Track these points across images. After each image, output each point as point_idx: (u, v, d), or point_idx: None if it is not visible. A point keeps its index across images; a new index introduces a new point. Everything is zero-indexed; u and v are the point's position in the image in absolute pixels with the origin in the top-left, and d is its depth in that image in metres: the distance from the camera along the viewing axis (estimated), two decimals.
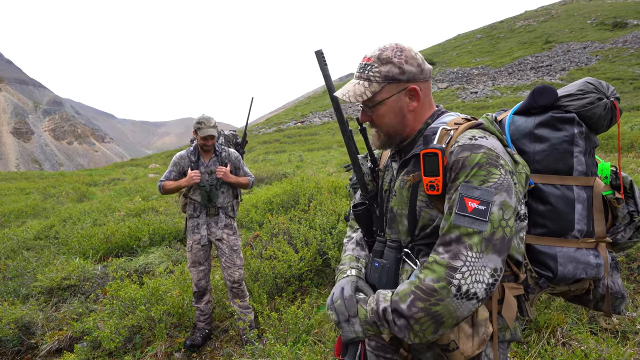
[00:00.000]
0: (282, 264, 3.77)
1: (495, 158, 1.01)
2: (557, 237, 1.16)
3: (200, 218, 3.25)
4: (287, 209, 5.98)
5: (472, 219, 0.97)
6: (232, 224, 3.33)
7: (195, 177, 3.08)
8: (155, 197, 9.97)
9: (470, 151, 1.02)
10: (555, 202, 1.15)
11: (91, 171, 22.29)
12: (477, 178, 0.99)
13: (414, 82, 1.15)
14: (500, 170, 1.00)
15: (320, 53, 1.18)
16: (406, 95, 1.16)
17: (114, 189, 12.40)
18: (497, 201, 0.98)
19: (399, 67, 1.13)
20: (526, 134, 1.20)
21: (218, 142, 3.42)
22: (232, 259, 3.25)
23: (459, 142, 1.05)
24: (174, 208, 7.73)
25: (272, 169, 11.45)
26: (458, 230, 0.97)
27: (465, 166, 1.01)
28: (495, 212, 0.97)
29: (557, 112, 1.18)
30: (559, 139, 1.16)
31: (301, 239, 4.29)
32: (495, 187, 0.98)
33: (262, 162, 14.63)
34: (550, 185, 1.16)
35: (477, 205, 0.97)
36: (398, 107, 1.16)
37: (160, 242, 5.67)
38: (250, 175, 3.39)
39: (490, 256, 0.96)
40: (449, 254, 0.97)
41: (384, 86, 1.14)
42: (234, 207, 3.39)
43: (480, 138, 1.05)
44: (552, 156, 1.16)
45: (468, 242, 0.96)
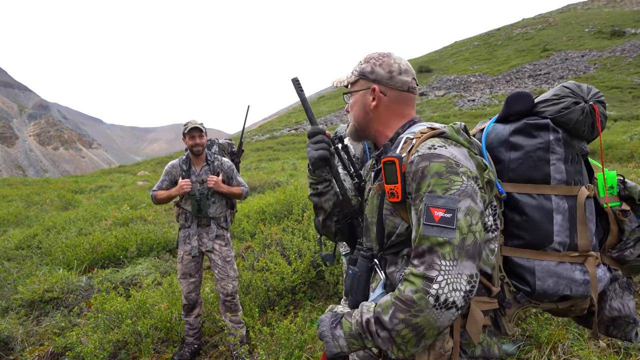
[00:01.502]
0: (274, 277, 3.76)
1: (454, 166, 1.03)
2: (535, 250, 1.14)
3: (191, 228, 3.25)
4: (280, 219, 5.97)
5: (440, 227, 0.98)
6: (225, 235, 3.33)
7: (185, 186, 3.09)
8: (143, 205, 9.89)
9: (429, 160, 1.04)
10: (531, 212, 1.14)
11: (77, 178, 22.11)
12: (440, 187, 1.01)
13: (378, 84, 1.25)
14: (461, 177, 1.02)
15: (296, 80, 1.35)
16: (370, 94, 1.26)
17: (100, 197, 12.30)
18: (463, 207, 0.99)
19: (371, 66, 1.27)
20: (502, 141, 1.22)
21: (211, 151, 3.43)
22: (226, 271, 3.24)
23: (419, 152, 1.08)
24: (163, 217, 7.68)
25: (265, 177, 11.45)
26: (428, 240, 0.99)
27: (425, 176, 1.03)
28: (462, 219, 0.99)
29: (531, 118, 1.19)
30: (533, 146, 1.16)
31: (294, 250, 4.28)
32: (459, 194, 1.00)
33: (255, 170, 14.62)
34: (526, 195, 1.16)
35: (443, 213, 0.99)
36: (362, 102, 1.28)
37: (149, 253, 5.62)
38: (244, 186, 3.39)
39: (464, 263, 0.97)
40: (424, 265, 0.98)
41: (358, 80, 1.29)
42: (228, 217, 3.38)
43: (440, 147, 1.07)
44: (526, 164, 1.16)
45: (440, 251, 0.97)
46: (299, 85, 1.37)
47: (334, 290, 3.95)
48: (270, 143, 25.36)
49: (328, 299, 3.93)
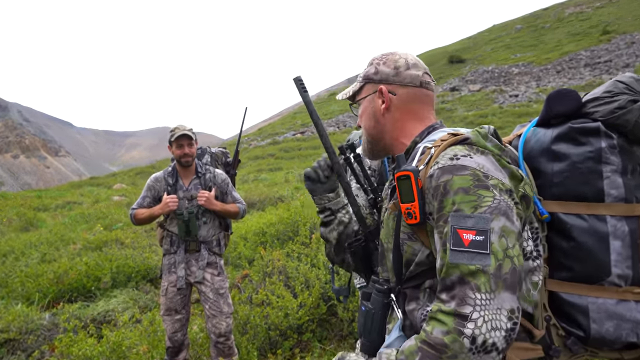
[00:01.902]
0: (277, 312, 3.75)
1: (483, 178, 1.03)
2: (588, 284, 1.12)
3: (177, 254, 3.27)
4: (283, 242, 5.98)
5: (471, 253, 0.98)
6: (218, 262, 3.35)
7: (171, 204, 3.13)
8: (120, 225, 9.99)
9: (452, 173, 1.04)
10: (581, 237, 1.12)
11: (41, 192, 22.45)
12: (467, 204, 1.01)
13: (384, 83, 1.29)
14: (492, 191, 1.02)
15: (299, 80, 1.39)
16: (379, 97, 1.30)
17: (68, 215, 12.45)
18: (496, 227, 0.99)
19: (375, 67, 1.32)
20: (543, 150, 1.20)
21: (202, 162, 3.48)
22: (219, 306, 3.25)
23: (439, 164, 1.08)
24: (143, 240, 7.75)
25: (266, 190, 11.50)
26: (458, 269, 0.98)
27: (447, 192, 1.03)
28: (497, 241, 0.98)
29: (578, 121, 1.17)
30: (581, 156, 1.14)
31: (301, 280, 4.28)
32: (491, 212, 1.00)
33: (253, 183, 14.70)
34: (574, 216, 1.14)
35: (473, 236, 0.98)
36: (371, 109, 1.32)
37: (126, 284, 5.65)
38: (241, 202, 3.43)
39: (503, 295, 0.96)
40: (455, 300, 0.97)
41: (363, 86, 1.35)
42: (221, 241, 3.41)
43: (463, 157, 1.07)
44: (573, 178, 1.14)
45: (473, 281, 0.96)
46: (302, 85, 1.40)
47: (349, 330, 3.92)
48: (272, 149, 25.52)
49: (341, 340, 3.90)
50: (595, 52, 35.11)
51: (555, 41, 43.11)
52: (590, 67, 31.99)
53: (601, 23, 43.16)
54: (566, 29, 46.92)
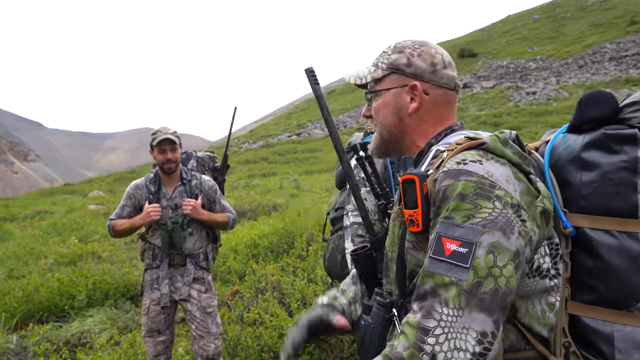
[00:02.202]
0: (270, 332, 3.76)
1: (488, 187, 1.03)
2: (614, 309, 1.10)
3: (160, 269, 3.28)
4: (277, 255, 5.98)
5: (449, 264, 0.99)
6: (205, 278, 3.36)
7: (153, 213, 3.14)
8: (97, 237, 9.98)
9: (454, 178, 1.05)
10: (609, 256, 1.10)
11: (8, 201, 22.40)
12: (460, 213, 1.02)
13: (419, 80, 1.27)
14: (493, 202, 1.02)
15: (310, 71, 1.38)
16: (408, 93, 1.28)
17: (39, 226, 12.43)
18: (485, 242, 0.99)
19: (408, 57, 1.28)
20: (572, 158, 1.20)
21: (187, 167, 3.50)
22: (206, 325, 3.25)
23: (445, 168, 1.09)
24: (122, 253, 7.74)
25: (258, 198, 11.51)
26: (432, 279, 1.00)
27: (446, 197, 1.05)
28: (482, 257, 0.98)
29: (612, 127, 1.15)
30: (614, 166, 1.12)
31: (297, 296, 4.29)
32: (484, 225, 1.00)
33: (244, 190, 14.70)
34: (602, 232, 1.13)
35: (456, 247, 0.99)
36: (395, 105, 1.29)
37: (103, 302, 5.64)
38: (230, 211, 3.44)
39: (474, 315, 0.96)
40: (422, 312, 0.99)
41: (387, 75, 1.30)
42: (209, 254, 3.43)
43: (472, 162, 1.08)
44: (603, 189, 1.13)
45: (444, 295, 0.97)
46: (314, 77, 1.40)
47: (350, 351, 3.93)
48: (265, 153, 25.54)
49: None
50: (622, 44, 35.30)
51: (576, 33, 43.34)
52: (616, 61, 32.14)
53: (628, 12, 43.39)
54: (589, 19, 47.17)
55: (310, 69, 1.40)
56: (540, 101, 26.75)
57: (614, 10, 46.64)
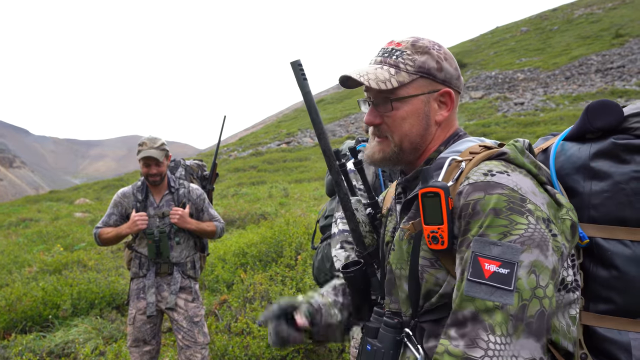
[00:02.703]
0: (258, 342, 3.76)
1: (519, 202, 1.00)
2: (630, 318, 1.11)
3: (147, 278, 3.27)
4: (266, 264, 5.97)
5: (491, 287, 0.94)
6: (192, 287, 3.35)
7: (139, 222, 3.13)
8: (83, 245, 9.89)
9: (484, 191, 1.02)
10: (624, 266, 1.11)
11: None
12: (495, 230, 0.97)
13: (448, 86, 1.22)
14: (527, 218, 0.99)
15: (298, 64, 1.24)
16: (436, 100, 1.22)
17: (23, 234, 12.28)
18: (526, 261, 0.95)
19: (437, 61, 1.20)
20: (579, 167, 1.20)
21: (175, 176, 3.50)
22: (193, 336, 3.24)
23: (470, 179, 1.05)
24: (109, 262, 7.68)
25: (247, 207, 11.49)
26: (473, 304, 0.95)
27: (477, 212, 1.00)
28: (524, 278, 0.94)
29: (622, 137, 1.17)
30: (626, 175, 1.13)
31: None
32: (522, 242, 0.96)
33: (233, 198, 14.66)
34: (616, 242, 1.13)
35: (497, 267, 0.95)
36: (424, 112, 1.21)
37: (88, 311, 5.59)
38: (218, 220, 3.45)
39: (522, 341, 0.92)
40: (464, 340, 0.93)
41: (415, 79, 1.19)
42: (196, 263, 3.42)
43: (499, 173, 1.05)
44: (615, 199, 1.13)
45: (488, 321, 0.92)
46: (302, 72, 1.24)
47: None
48: (254, 161, 25.51)
49: None
50: (607, 56, 35.90)
51: (563, 45, 44.01)
52: (602, 73, 32.66)
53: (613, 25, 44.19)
54: (575, 31, 47.95)
55: (298, 61, 1.23)
56: (528, 112, 27.07)
57: (600, 23, 47.48)
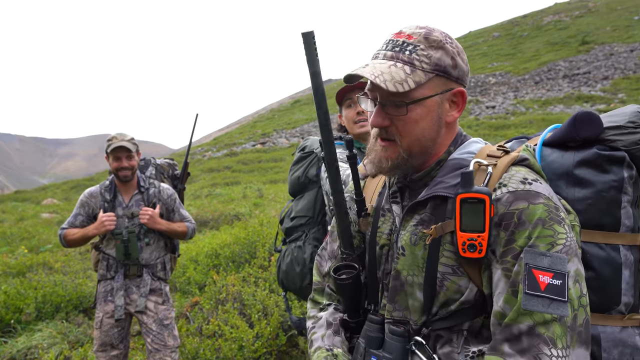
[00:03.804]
0: (230, 345, 3.72)
1: (555, 211, 1.03)
2: (600, 313, 1.18)
3: (115, 280, 3.20)
4: (239, 265, 5.93)
5: (548, 299, 0.95)
6: (162, 289, 3.30)
7: (107, 223, 3.06)
8: (49, 247, 9.64)
9: (528, 201, 1.03)
10: (600, 267, 1.17)
11: None
12: (544, 240, 0.99)
13: (460, 84, 1.18)
14: (564, 227, 1.02)
15: (310, 36, 1.10)
16: (448, 100, 1.17)
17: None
18: (572, 271, 0.97)
19: (452, 57, 1.13)
20: (562, 173, 1.23)
21: (145, 175, 3.43)
22: (162, 339, 3.20)
23: (510, 187, 1.06)
24: (76, 264, 7.50)
25: (221, 207, 11.39)
26: (530, 318, 0.95)
27: (523, 222, 1.01)
28: (573, 288, 0.96)
29: (603, 148, 1.22)
30: (606, 184, 1.19)
31: (258, 307, 4.26)
32: (566, 252, 0.99)
33: (207, 198, 14.51)
34: (593, 245, 1.19)
35: (550, 279, 0.96)
36: (437, 114, 1.16)
37: (53, 315, 5.44)
38: (190, 220, 3.41)
39: (577, 351, 0.93)
40: (525, 357, 0.93)
41: (431, 78, 1.12)
42: (167, 264, 3.37)
43: (535, 182, 1.07)
44: (597, 206, 1.19)
45: (547, 334, 0.93)
46: (314, 44, 1.10)
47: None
48: (229, 162, 25.32)
49: None
50: (574, 62, 36.97)
51: (533, 50, 45.11)
52: (569, 79, 33.61)
53: (580, 33, 45.55)
54: (544, 37, 49.24)
55: (311, 33, 1.09)
56: (499, 115, 27.63)
57: (567, 30, 48.88)
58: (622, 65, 33.90)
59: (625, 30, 43.30)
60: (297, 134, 32.06)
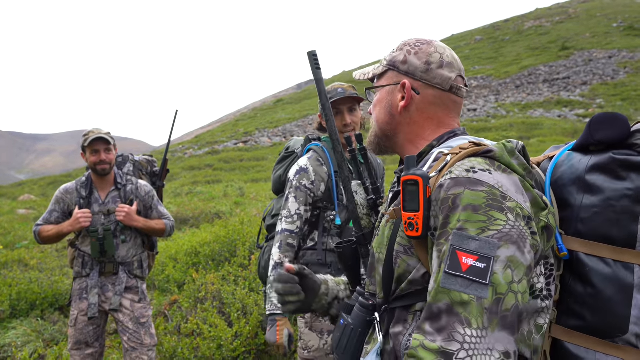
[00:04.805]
0: (208, 344, 3.71)
1: (500, 199, 1.01)
2: (599, 338, 1.10)
3: (90, 278, 3.16)
4: (219, 264, 5.90)
5: (467, 280, 0.95)
6: (139, 287, 3.28)
7: (82, 220, 3.03)
8: (25, 243, 9.47)
9: (464, 187, 1.02)
10: (601, 284, 1.09)
11: None
12: (474, 225, 0.98)
13: (410, 78, 1.28)
14: (506, 215, 0.99)
15: (313, 55, 1.42)
16: (400, 91, 1.28)
17: None
18: (502, 256, 0.96)
19: (405, 55, 1.29)
20: (575, 179, 1.17)
21: (123, 171, 3.39)
22: (139, 337, 3.17)
23: (453, 174, 1.06)
24: (52, 261, 7.38)
25: (202, 206, 11.31)
26: (448, 296, 0.96)
27: (456, 206, 1.01)
28: (500, 272, 0.95)
29: (622, 152, 1.13)
30: (618, 192, 1.10)
31: (237, 306, 4.25)
32: (500, 238, 0.97)
33: (188, 197, 14.40)
34: (597, 259, 1.11)
35: (473, 261, 0.95)
36: (387, 102, 1.31)
37: (28, 312, 5.36)
38: (168, 218, 3.38)
39: (497, 334, 0.93)
40: (442, 335, 0.94)
41: (386, 71, 1.33)
42: (144, 262, 3.34)
43: (482, 171, 1.05)
44: (604, 215, 1.11)
45: (463, 314, 0.93)
46: (317, 62, 1.42)
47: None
48: (210, 160, 25.14)
49: None
50: (554, 67, 37.61)
51: (514, 55, 45.74)
52: (549, 83, 34.19)
53: (560, 38, 46.33)
54: (525, 42, 49.96)
55: (313, 52, 1.43)
56: (481, 118, 27.96)
57: (548, 35, 49.69)
58: (600, 71, 34.59)
59: (604, 37, 44.20)
60: (279, 133, 32.00)
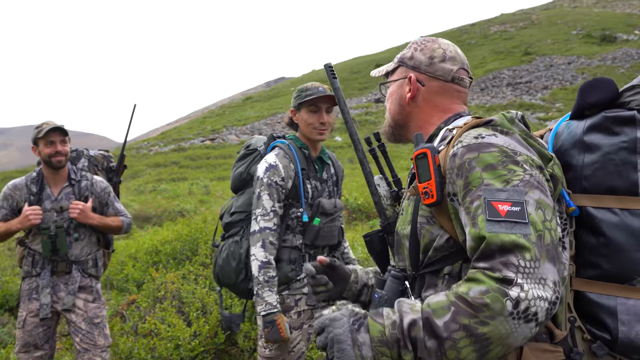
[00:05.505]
0: (165, 344, 3.65)
1: (511, 154, 1.11)
2: (617, 283, 1.16)
3: (41, 277, 3.07)
4: (180, 262, 5.82)
5: (510, 223, 1.02)
6: (94, 286, 3.20)
7: (32, 217, 2.93)
8: None
9: (478, 151, 1.12)
10: (611, 233, 1.16)
11: None
12: (498, 179, 1.07)
13: (415, 72, 1.42)
14: (522, 166, 1.10)
15: (329, 67, 1.56)
16: (407, 84, 1.43)
17: None
18: (531, 200, 1.05)
19: (412, 52, 1.45)
20: (575, 142, 1.26)
21: (77, 167, 3.29)
22: (92, 338, 3.10)
23: (463, 142, 1.16)
24: (3, 260, 7.13)
25: (165, 203, 11.16)
26: (498, 238, 1.01)
27: (473, 168, 1.10)
28: (534, 212, 1.04)
29: (612, 110, 1.22)
30: (615, 146, 1.19)
31: (197, 305, 4.20)
32: (524, 185, 1.06)
33: (151, 194, 14.15)
34: (604, 210, 1.18)
35: (509, 207, 1.03)
36: (397, 94, 1.46)
37: None
38: (125, 214, 3.32)
39: (547, 265, 1.00)
40: (498, 266, 0.99)
41: (397, 68, 1.49)
42: (98, 261, 3.26)
43: (489, 136, 1.16)
44: (604, 169, 1.19)
45: (516, 249, 0.99)
46: (332, 72, 1.54)
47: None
48: (176, 157, 24.76)
49: None
50: (517, 71, 38.68)
51: (480, 58, 46.76)
52: (512, 87, 35.15)
53: (523, 44, 47.68)
54: (491, 46, 51.18)
55: (329, 64, 1.56)
56: None
57: (512, 40, 51.05)
58: (560, 76, 35.80)
59: (565, 44, 45.75)
60: (247, 131, 31.76)
